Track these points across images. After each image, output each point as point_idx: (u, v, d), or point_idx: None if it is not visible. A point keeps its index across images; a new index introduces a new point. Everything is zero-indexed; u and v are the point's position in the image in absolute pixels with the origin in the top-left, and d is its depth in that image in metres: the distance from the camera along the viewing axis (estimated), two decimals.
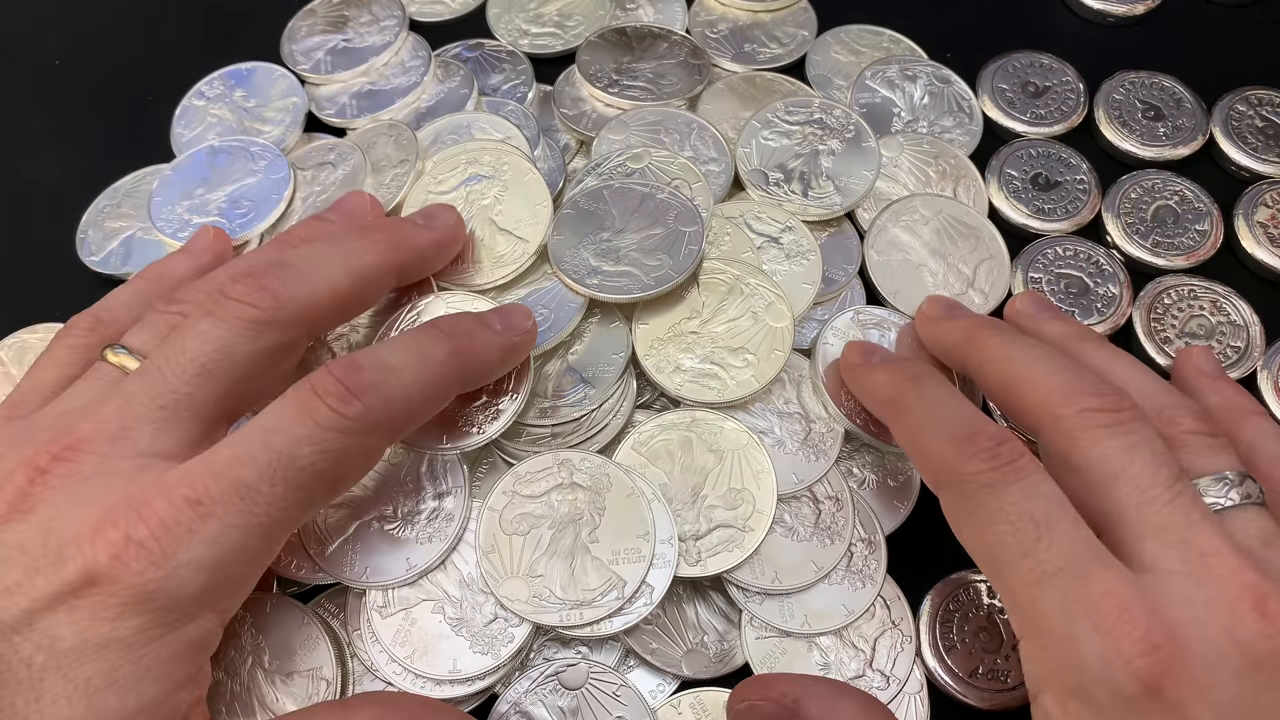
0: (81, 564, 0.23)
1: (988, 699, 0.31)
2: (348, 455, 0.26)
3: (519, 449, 0.33)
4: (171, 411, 0.26)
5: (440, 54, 0.43)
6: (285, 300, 0.28)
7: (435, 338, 0.29)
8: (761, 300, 0.35)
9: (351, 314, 0.31)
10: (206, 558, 0.24)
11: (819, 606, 0.32)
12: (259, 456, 0.25)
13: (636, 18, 0.45)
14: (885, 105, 0.42)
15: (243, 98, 0.42)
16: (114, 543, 0.23)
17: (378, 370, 0.27)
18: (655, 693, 0.31)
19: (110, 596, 0.23)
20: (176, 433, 0.26)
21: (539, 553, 0.31)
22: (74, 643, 0.23)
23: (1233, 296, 0.38)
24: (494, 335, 0.31)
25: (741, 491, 0.32)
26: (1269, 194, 0.40)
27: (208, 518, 0.24)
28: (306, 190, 0.38)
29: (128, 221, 0.40)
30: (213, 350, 0.27)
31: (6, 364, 0.36)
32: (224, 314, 0.27)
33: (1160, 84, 0.43)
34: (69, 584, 0.23)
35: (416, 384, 0.28)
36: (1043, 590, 0.24)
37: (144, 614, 0.23)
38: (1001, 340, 0.30)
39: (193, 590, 0.24)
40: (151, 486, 0.24)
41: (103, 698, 0.23)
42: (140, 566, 0.23)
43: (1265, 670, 0.23)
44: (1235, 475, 0.26)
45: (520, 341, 0.31)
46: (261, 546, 0.25)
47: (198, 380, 0.26)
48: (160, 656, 0.24)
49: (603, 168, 0.38)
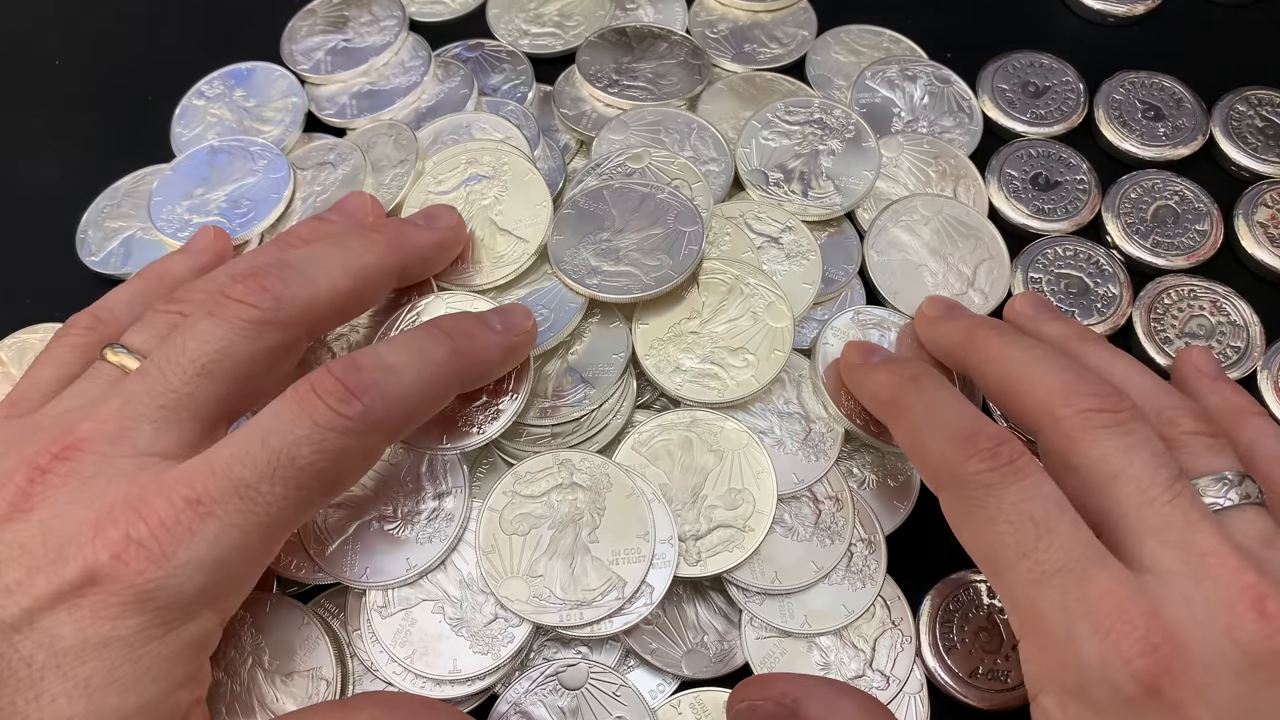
0: (82, 563, 0.23)
1: (988, 699, 0.31)
2: (347, 455, 0.26)
3: (519, 449, 0.33)
4: (172, 411, 0.26)
5: (440, 54, 0.43)
6: (286, 301, 0.28)
7: (436, 337, 0.29)
8: (761, 300, 0.35)
9: (352, 314, 0.31)
10: (206, 557, 0.24)
11: (819, 606, 0.32)
12: (258, 456, 0.25)
13: (636, 18, 0.45)
14: (885, 105, 0.42)
15: (243, 97, 0.42)
16: (114, 542, 0.23)
17: (378, 370, 0.27)
18: (655, 693, 0.31)
19: (111, 595, 0.23)
20: (177, 432, 0.26)
21: (539, 553, 0.31)
22: (74, 641, 0.23)
23: (1233, 296, 0.38)
24: (494, 335, 0.31)
25: (741, 491, 0.32)
26: (1269, 194, 0.40)
27: (208, 517, 0.24)
28: (306, 190, 0.38)
29: (128, 221, 0.40)
30: (213, 350, 0.27)
31: (6, 364, 0.36)
32: (225, 314, 0.27)
33: (1160, 84, 0.43)
34: (69, 583, 0.23)
35: (416, 384, 0.28)
36: (1042, 590, 0.24)
37: (144, 613, 0.24)
38: (1001, 340, 0.30)
39: (193, 590, 0.24)
40: (151, 486, 0.24)
41: (102, 696, 0.23)
42: (140, 566, 0.23)
43: (1264, 670, 0.23)
44: (1234, 475, 0.26)
45: (520, 341, 0.31)
46: (261, 546, 0.25)
47: (198, 380, 0.26)
48: (160, 656, 0.24)
49: (603, 168, 0.38)
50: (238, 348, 0.27)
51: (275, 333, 0.28)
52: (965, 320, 0.33)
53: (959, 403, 0.29)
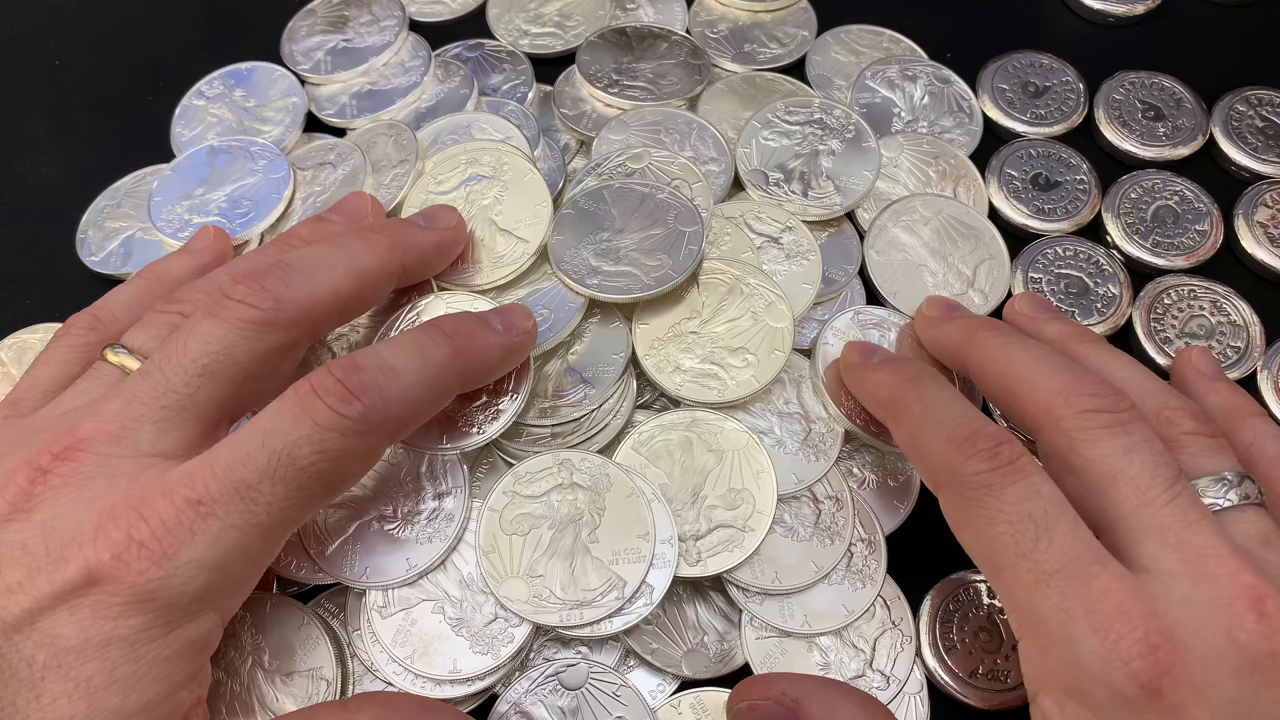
0: (83, 563, 0.23)
1: (988, 699, 0.31)
2: (348, 455, 0.26)
3: (519, 449, 0.33)
4: (173, 412, 0.26)
5: (440, 54, 0.43)
6: (286, 301, 0.28)
7: (436, 338, 0.29)
8: (761, 300, 0.35)
9: (353, 315, 0.31)
10: (207, 557, 0.24)
11: (819, 606, 0.32)
12: (259, 457, 0.25)
13: (636, 18, 0.45)
14: (885, 105, 0.42)
15: (242, 97, 0.42)
16: (116, 542, 0.23)
17: (378, 370, 0.27)
18: (655, 693, 0.31)
19: (111, 596, 0.23)
20: (178, 433, 0.26)
21: (539, 553, 0.31)
22: (75, 642, 0.23)
23: (1233, 296, 0.38)
24: (495, 335, 0.31)
25: (741, 491, 0.32)
26: (1269, 194, 0.40)
27: (209, 518, 0.24)
28: (306, 190, 0.38)
29: (128, 221, 0.40)
30: (214, 351, 0.27)
31: (6, 364, 0.36)
32: (226, 315, 0.27)
33: (1160, 84, 0.43)
34: (71, 583, 0.23)
35: (417, 384, 0.28)
36: (1041, 591, 0.24)
37: (145, 613, 0.24)
38: (1001, 340, 0.30)
39: (194, 590, 0.24)
40: (153, 486, 0.24)
41: (103, 697, 0.23)
42: (142, 566, 0.23)
43: (1263, 671, 0.23)
44: (1234, 476, 0.26)
45: (521, 342, 0.31)
46: (262, 546, 0.26)
47: (199, 381, 0.26)
48: (161, 656, 0.24)
49: (603, 168, 0.38)
50: (239, 348, 0.27)
51: (276, 333, 0.28)
52: (965, 320, 0.33)
53: (959, 403, 0.29)
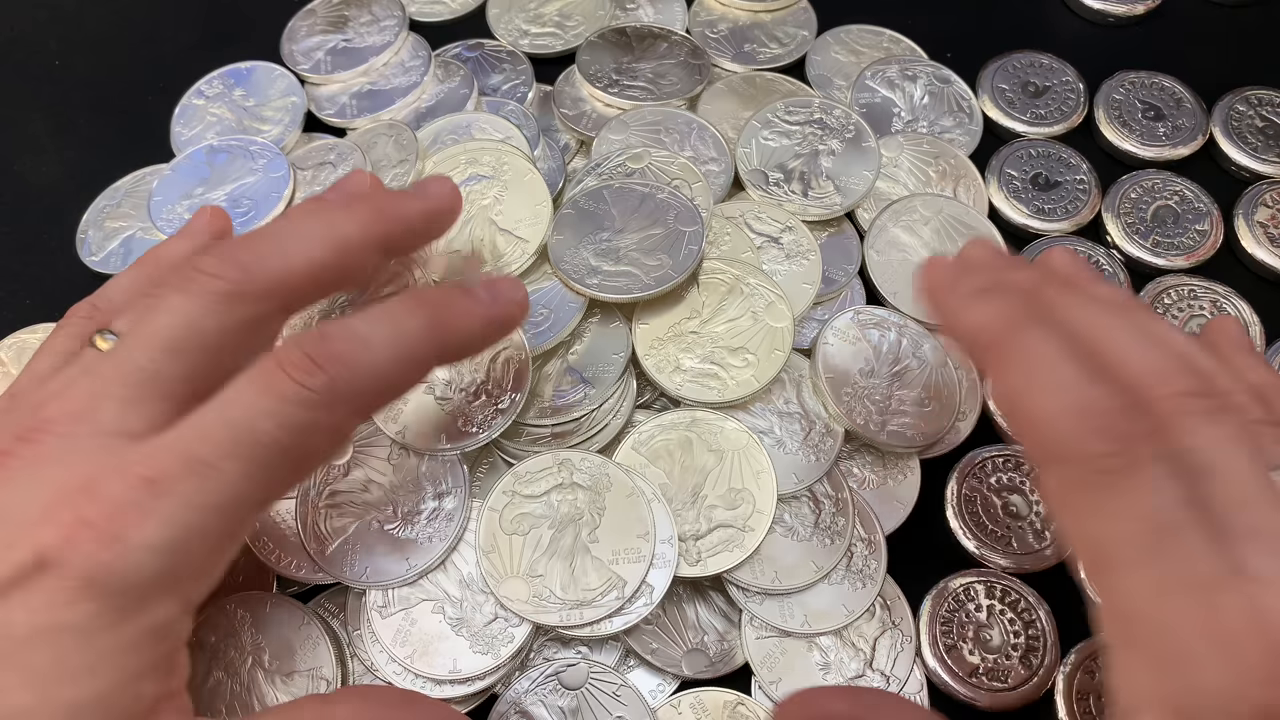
0: (32, 546, 0.22)
1: (988, 699, 0.31)
2: (312, 430, 0.25)
3: (519, 449, 0.33)
4: (137, 389, 0.25)
5: (440, 54, 0.43)
6: (256, 272, 0.26)
7: (411, 307, 0.27)
8: (761, 300, 0.35)
9: (333, 288, 0.29)
10: (162, 539, 0.23)
11: (819, 606, 0.32)
12: (218, 432, 0.23)
13: (636, 18, 0.45)
14: (885, 105, 0.42)
15: (242, 97, 0.42)
16: (65, 524, 0.22)
17: (345, 340, 0.25)
18: (655, 693, 0.31)
19: (61, 580, 0.22)
20: (143, 411, 0.25)
21: (539, 553, 0.31)
22: (26, 630, 0.22)
23: (1233, 296, 0.38)
24: (478, 305, 0.28)
25: (741, 491, 0.32)
26: (1269, 194, 0.40)
27: (163, 496, 0.23)
28: (306, 190, 0.38)
29: (128, 221, 0.40)
30: (179, 325, 0.25)
31: (6, 364, 0.36)
32: (192, 288, 0.26)
33: (1160, 84, 0.43)
34: (20, 568, 0.22)
35: (388, 356, 0.26)
36: (1166, 602, 0.22)
37: (97, 599, 0.22)
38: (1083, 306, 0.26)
39: (148, 574, 0.23)
40: (109, 465, 0.23)
41: (55, 688, 0.22)
42: (90, 549, 0.22)
43: None
44: None
45: (509, 312, 0.29)
46: (223, 527, 0.24)
47: (164, 357, 0.25)
48: (116, 645, 0.22)
49: (603, 168, 0.38)
50: (205, 321, 0.25)
51: (245, 305, 0.26)
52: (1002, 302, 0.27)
53: (1088, 358, 0.24)
